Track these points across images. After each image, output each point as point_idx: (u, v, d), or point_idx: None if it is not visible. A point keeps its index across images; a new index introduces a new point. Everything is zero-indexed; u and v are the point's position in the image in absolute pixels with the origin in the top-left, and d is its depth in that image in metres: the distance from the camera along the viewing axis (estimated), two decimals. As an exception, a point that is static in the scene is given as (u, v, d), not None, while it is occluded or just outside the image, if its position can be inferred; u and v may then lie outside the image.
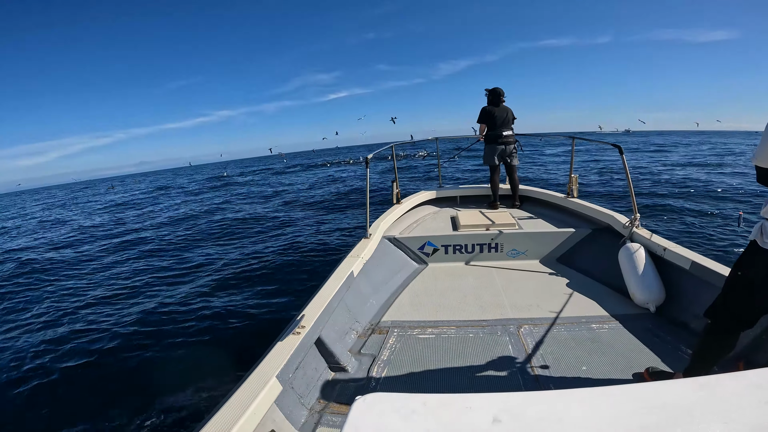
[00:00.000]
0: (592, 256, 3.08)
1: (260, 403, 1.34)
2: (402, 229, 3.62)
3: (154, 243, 8.00)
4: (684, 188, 9.63)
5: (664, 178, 11.56)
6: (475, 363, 1.93)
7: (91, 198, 26.69)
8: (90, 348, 3.56)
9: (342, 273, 2.36)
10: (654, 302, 2.32)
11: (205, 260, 6.20)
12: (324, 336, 1.91)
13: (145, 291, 4.99)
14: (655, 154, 21.17)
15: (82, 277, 6.04)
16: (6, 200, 46.61)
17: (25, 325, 4.37)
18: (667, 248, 2.43)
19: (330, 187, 15.06)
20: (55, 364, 3.33)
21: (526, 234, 3.32)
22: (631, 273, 2.48)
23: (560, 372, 1.82)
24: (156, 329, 3.81)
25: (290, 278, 4.97)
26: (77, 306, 4.70)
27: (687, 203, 7.77)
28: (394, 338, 2.19)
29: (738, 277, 1.42)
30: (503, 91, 4.23)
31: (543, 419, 0.63)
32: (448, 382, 1.79)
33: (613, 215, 3.14)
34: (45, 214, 17.60)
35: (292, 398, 1.59)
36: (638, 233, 2.76)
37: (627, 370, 1.83)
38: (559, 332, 2.16)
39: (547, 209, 4.15)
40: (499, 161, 4.28)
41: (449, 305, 2.56)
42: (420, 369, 1.90)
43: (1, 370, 3.36)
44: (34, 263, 7.29)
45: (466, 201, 4.71)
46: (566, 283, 2.79)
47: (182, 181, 31.62)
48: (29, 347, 3.72)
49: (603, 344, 2.03)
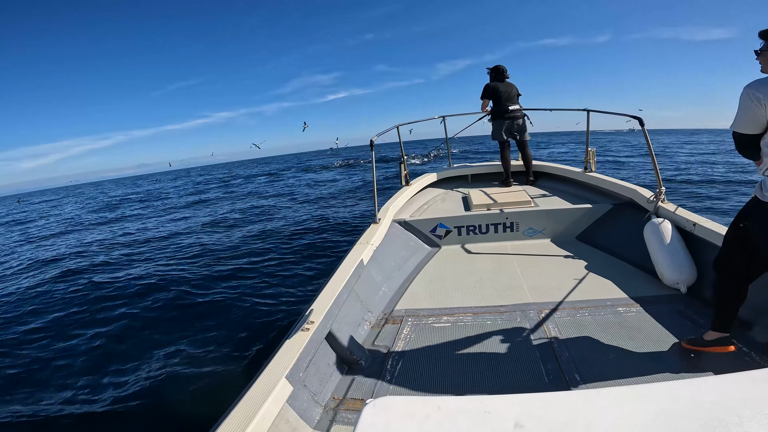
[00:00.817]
0: (614, 234, 2.93)
1: (271, 404, 1.28)
2: (412, 212, 3.51)
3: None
4: (708, 176, 9.12)
5: (683, 168, 11.04)
6: (494, 352, 1.84)
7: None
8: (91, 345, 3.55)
9: (351, 262, 2.27)
10: (685, 282, 2.19)
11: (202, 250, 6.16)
12: (335, 330, 1.83)
13: (145, 290, 4.89)
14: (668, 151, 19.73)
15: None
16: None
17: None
18: (697, 223, 2.28)
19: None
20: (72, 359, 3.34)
21: (542, 211, 3.17)
22: (659, 251, 2.34)
23: (586, 360, 1.71)
24: (157, 325, 3.78)
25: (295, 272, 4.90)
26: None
27: (712, 189, 7.39)
28: (408, 328, 2.11)
29: (739, 229, 1.55)
30: (506, 68, 4.05)
31: (569, 423, 0.58)
32: (466, 375, 1.71)
33: (636, 189, 2.97)
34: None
35: (305, 396, 1.52)
36: (664, 208, 2.59)
37: (659, 356, 1.71)
38: (582, 317, 2.05)
39: (564, 185, 3.97)
40: (508, 136, 4.10)
41: (465, 290, 2.46)
42: (436, 360, 1.82)
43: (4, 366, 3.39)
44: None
45: (477, 179, 4.55)
46: (587, 263, 2.66)
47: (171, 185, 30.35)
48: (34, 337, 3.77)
49: (631, 329, 1.91)
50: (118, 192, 30.06)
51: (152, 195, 21.30)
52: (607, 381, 1.59)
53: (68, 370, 3.19)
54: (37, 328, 4.05)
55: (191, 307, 4.11)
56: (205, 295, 4.37)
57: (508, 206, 3.30)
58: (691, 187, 8.89)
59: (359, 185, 13.42)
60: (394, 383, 1.69)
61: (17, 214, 20.53)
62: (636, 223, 2.69)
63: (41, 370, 3.25)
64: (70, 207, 21.35)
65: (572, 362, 1.71)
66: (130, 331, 3.77)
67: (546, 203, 3.44)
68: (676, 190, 8.48)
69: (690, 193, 8.15)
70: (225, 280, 4.83)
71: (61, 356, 3.42)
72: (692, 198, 7.66)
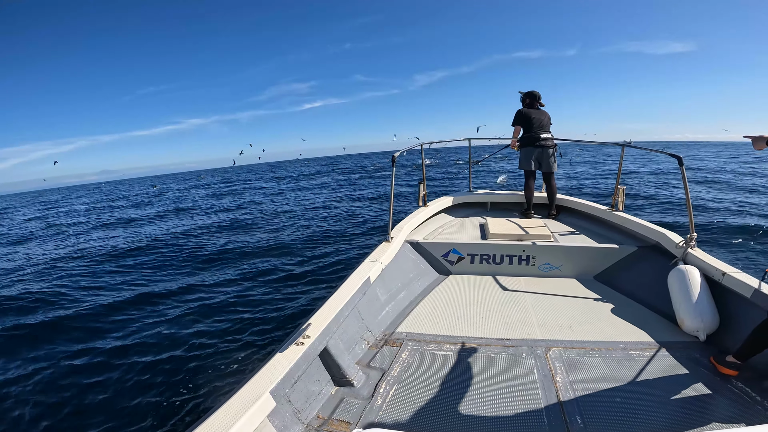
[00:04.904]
0: (636, 277, 2.77)
1: (250, 417, 1.24)
2: (426, 234, 3.45)
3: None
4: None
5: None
6: (495, 386, 1.74)
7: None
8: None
9: (358, 279, 2.24)
10: (705, 330, 2.06)
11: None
12: (331, 346, 1.79)
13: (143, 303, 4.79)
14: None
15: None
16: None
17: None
18: (726, 273, 2.15)
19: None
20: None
21: (562, 247, 3.05)
22: (682, 297, 2.21)
23: (591, 403, 1.62)
24: (157, 332, 3.78)
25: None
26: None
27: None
28: (407, 352, 2.04)
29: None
30: (540, 95, 3.96)
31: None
32: (461, 409, 1.62)
33: (665, 233, 2.82)
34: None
35: (288, 412, 1.48)
36: (693, 254, 2.45)
37: (668, 404, 1.60)
38: (592, 358, 1.94)
39: (587, 221, 3.82)
40: (536, 166, 4.00)
41: (471, 320, 2.37)
42: (432, 389, 1.74)
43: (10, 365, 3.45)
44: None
45: (497, 208, 4.45)
46: (604, 304, 2.53)
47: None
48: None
49: (643, 374, 1.80)
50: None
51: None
52: (610, 427, 1.49)
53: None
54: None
55: (184, 315, 4.11)
56: (200, 300, 4.40)
57: (526, 238, 3.19)
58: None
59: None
60: (384, 409, 1.62)
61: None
62: (660, 267, 2.57)
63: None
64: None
65: (576, 404, 1.61)
66: (133, 335, 3.78)
67: (567, 239, 3.31)
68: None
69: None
70: (218, 287, 4.86)
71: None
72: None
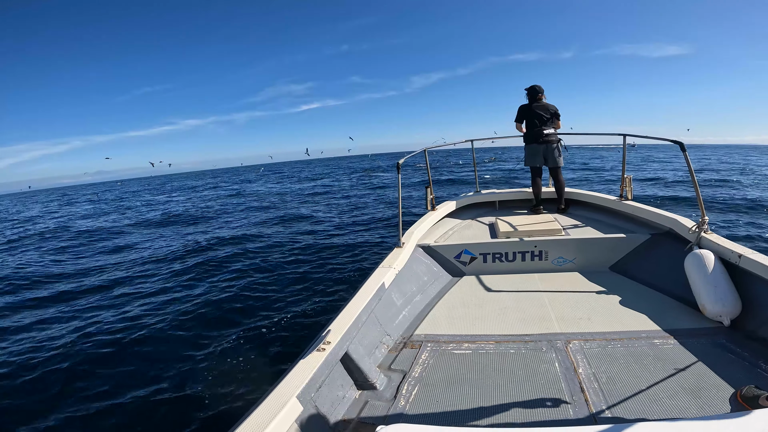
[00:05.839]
0: (652, 264, 2.76)
1: (278, 423, 1.28)
2: (437, 237, 3.48)
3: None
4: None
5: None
6: (517, 382, 1.75)
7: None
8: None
9: (372, 285, 2.28)
10: (728, 314, 2.04)
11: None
12: (351, 351, 1.83)
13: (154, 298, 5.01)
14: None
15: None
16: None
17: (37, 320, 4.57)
18: (742, 255, 2.14)
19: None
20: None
21: (573, 240, 3.05)
22: (701, 282, 2.19)
23: (616, 394, 1.61)
24: (168, 337, 3.83)
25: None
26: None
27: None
28: (427, 353, 2.06)
29: None
30: (542, 88, 3.98)
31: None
32: (485, 405, 1.63)
33: (677, 219, 2.81)
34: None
35: (316, 418, 1.51)
36: (707, 238, 2.44)
37: (697, 392, 1.58)
38: (614, 348, 1.93)
39: (597, 213, 3.81)
40: (541, 162, 4.01)
41: (488, 318, 2.38)
42: (454, 388, 1.75)
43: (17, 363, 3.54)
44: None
45: (505, 206, 4.46)
46: (622, 294, 2.51)
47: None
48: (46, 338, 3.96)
49: (668, 362, 1.78)
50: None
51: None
52: (638, 416, 1.48)
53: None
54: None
55: (206, 323, 4.15)
56: (219, 310, 4.45)
57: (537, 234, 3.20)
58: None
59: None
60: (408, 409, 1.65)
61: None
62: (676, 254, 2.55)
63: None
64: None
65: (601, 394, 1.61)
66: (149, 340, 3.85)
67: (578, 232, 3.31)
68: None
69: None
70: (240, 294, 4.88)
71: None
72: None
